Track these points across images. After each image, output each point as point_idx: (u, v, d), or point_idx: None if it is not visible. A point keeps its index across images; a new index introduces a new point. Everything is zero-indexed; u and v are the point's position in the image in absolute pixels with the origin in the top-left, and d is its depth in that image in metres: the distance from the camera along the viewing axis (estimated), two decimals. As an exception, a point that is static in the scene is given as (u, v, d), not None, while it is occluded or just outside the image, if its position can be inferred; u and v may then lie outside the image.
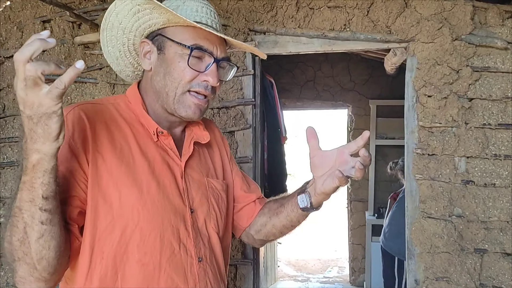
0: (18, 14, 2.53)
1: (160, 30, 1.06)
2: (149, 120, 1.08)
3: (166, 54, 1.05)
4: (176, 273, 1.01)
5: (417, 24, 2.13)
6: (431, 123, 2.12)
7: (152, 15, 1.04)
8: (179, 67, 1.03)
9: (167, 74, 1.05)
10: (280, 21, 2.28)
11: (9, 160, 2.55)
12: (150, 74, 1.09)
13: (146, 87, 1.11)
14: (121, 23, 1.07)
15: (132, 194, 0.98)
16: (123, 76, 1.21)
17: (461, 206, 2.08)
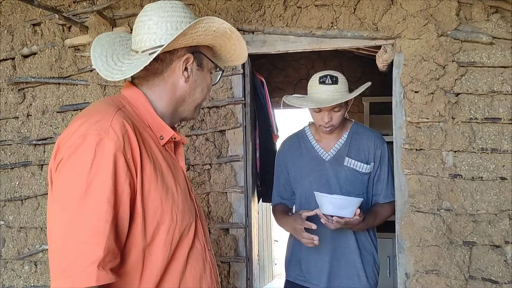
0: (8, 17, 2.55)
1: (199, 47, 1.19)
2: (165, 126, 1.15)
3: (204, 71, 1.21)
4: (197, 263, 1.13)
5: (403, 21, 2.16)
6: (418, 118, 2.14)
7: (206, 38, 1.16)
8: (209, 82, 1.24)
9: (199, 87, 1.20)
10: (268, 20, 2.30)
11: (2, 163, 2.57)
12: (173, 81, 1.16)
13: (161, 91, 1.16)
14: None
15: (168, 199, 1.05)
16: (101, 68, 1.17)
17: (449, 200, 2.11)
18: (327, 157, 2.13)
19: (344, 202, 1.89)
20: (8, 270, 2.59)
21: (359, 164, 2.10)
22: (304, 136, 2.23)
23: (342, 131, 2.16)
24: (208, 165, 2.37)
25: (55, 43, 2.46)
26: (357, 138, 2.15)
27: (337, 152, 2.13)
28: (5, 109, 2.56)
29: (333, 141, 2.15)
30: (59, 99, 2.49)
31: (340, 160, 2.10)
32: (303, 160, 2.16)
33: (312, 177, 2.12)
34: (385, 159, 2.16)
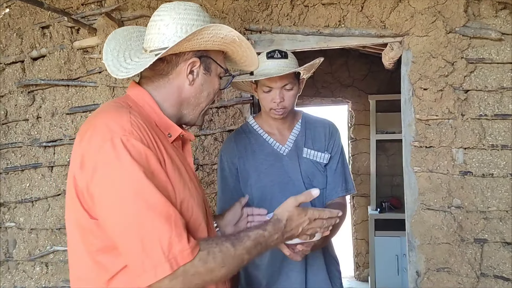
0: (17, 20, 2.57)
1: (208, 52, 1.17)
2: (173, 125, 1.16)
3: (211, 75, 1.20)
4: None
5: (411, 18, 2.15)
6: (427, 115, 2.14)
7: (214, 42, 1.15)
8: (217, 87, 1.22)
9: (205, 91, 1.20)
10: (276, 20, 2.30)
11: (12, 165, 2.59)
12: (178, 84, 1.16)
13: (167, 93, 1.17)
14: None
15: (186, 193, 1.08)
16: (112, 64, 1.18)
17: (460, 197, 2.10)
18: (284, 150, 1.80)
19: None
20: (19, 271, 2.61)
21: (318, 154, 1.81)
22: (251, 131, 1.86)
23: (294, 121, 1.87)
24: (217, 164, 2.37)
25: (64, 46, 2.47)
26: (310, 126, 1.86)
27: (293, 144, 1.81)
28: (15, 112, 2.58)
29: (287, 132, 1.84)
30: (68, 101, 2.50)
31: (299, 152, 1.80)
32: (257, 158, 1.79)
33: (272, 175, 1.76)
34: (340, 147, 1.89)
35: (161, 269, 0.93)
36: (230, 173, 1.81)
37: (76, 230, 1.05)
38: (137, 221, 0.94)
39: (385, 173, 4.78)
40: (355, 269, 5.06)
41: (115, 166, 0.96)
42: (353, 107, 4.96)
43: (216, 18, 2.35)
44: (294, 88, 1.73)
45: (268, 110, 1.75)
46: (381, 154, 4.78)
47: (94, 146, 0.98)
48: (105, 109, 1.10)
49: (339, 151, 1.85)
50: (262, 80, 1.69)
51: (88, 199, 1.00)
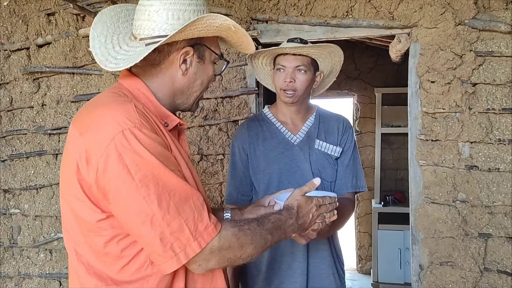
0: (23, 7, 2.56)
1: (201, 39, 1.12)
2: (169, 114, 1.14)
3: (205, 63, 1.16)
4: None
5: (420, 10, 2.12)
6: (434, 108, 2.12)
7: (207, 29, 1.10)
8: (211, 74, 1.19)
9: (199, 80, 1.16)
10: (282, 9, 2.28)
11: (17, 152, 2.60)
12: (171, 74, 1.12)
13: (160, 82, 1.12)
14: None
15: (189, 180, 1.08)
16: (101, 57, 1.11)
17: (465, 191, 2.09)
18: (296, 140, 1.81)
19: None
20: (23, 257, 2.63)
21: (330, 147, 1.82)
22: (265, 119, 1.88)
23: (308, 113, 1.87)
24: (221, 155, 2.37)
25: (69, 33, 2.46)
26: (324, 120, 1.87)
27: (306, 135, 1.82)
28: (20, 99, 2.58)
29: (300, 122, 1.85)
30: (73, 88, 2.50)
31: (311, 143, 1.81)
32: (268, 145, 1.81)
33: (281, 163, 1.78)
34: (353, 143, 1.90)
35: (190, 249, 0.97)
36: (240, 159, 1.84)
37: (76, 224, 1.04)
38: (161, 209, 0.95)
39: (389, 167, 4.76)
40: (358, 261, 5.06)
41: (129, 158, 0.94)
42: (358, 100, 4.93)
43: (222, 7, 2.33)
44: (308, 73, 1.74)
45: (279, 92, 1.77)
46: (386, 147, 4.76)
47: (102, 140, 0.95)
48: (105, 101, 1.06)
49: (351, 147, 1.86)
50: (277, 59, 1.75)
51: (97, 194, 0.97)
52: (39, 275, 2.58)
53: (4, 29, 2.59)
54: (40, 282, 2.59)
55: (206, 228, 0.99)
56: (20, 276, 2.62)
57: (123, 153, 0.94)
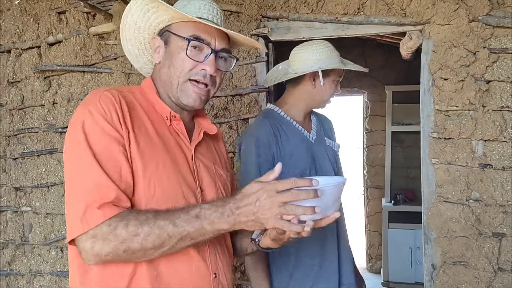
0: (34, 6, 2.57)
1: (167, 27, 1.17)
2: (163, 105, 1.17)
3: (170, 47, 1.16)
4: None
5: (433, 6, 2.10)
6: (447, 106, 2.09)
7: (159, 13, 1.15)
8: (180, 58, 1.13)
9: (171, 65, 1.15)
10: (293, 7, 2.26)
11: (29, 150, 2.61)
12: (159, 67, 1.20)
13: (156, 78, 1.21)
14: (136, 23, 1.19)
15: (149, 169, 1.05)
16: (144, 72, 1.34)
17: (478, 190, 2.06)
18: (312, 138, 1.84)
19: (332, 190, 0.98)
20: (35, 255, 2.64)
21: (335, 144, 1.93)
22: (280, 118, 1.81)
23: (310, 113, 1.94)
24: (231, 153, 2.36)
25: (80, 31, 2.47)
26: (319, 118, 1.96)
27: (317, 133, 1.87)
28: (31, 97, 2.60)
29: (309, 121, 1.90)
30: (84, 87, 2.51)
31: (323, 141, 1.88)
32: (291, 144, 1.75)
33: (306, 162, 1.75)
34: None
35: (76, 228, 0.96)
36: (266, 161, 1.70)
37: None
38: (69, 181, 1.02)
39: (400, 165, 4.72)
40: (368, 261, 5.03)
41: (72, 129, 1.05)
42: (368, 97, 4.89)
43: (232, 5, 2.31)
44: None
45: (326, 100, 1.85)
46: (396, 145, 4.72)
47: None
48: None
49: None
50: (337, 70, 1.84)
51: None
52: (50, 272, 2.60)
53: (15, 27, 2.60)
54: (51, 280, 2.60)
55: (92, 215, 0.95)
56: (32, 273, 2.64)
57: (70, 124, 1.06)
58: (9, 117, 2.63)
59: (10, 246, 2.68)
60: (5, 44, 2.62)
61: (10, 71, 2.62)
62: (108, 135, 1.01)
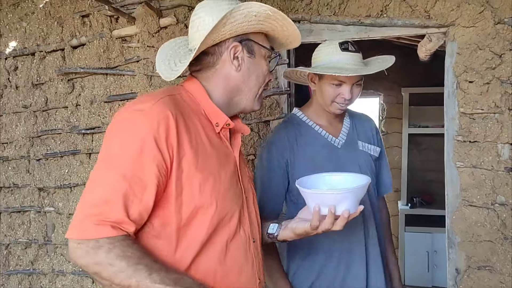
0: (58, 9, 2.61)
1: (246, 35, 1.18)
2: (220, 112, 1.17)
3: (256, 57, 1.20)
4: (239, 252, 1.12)
5: (458, 8, 2.08)
6: (472, 109, 2.07)
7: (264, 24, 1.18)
8: (265, 69, 1.22)
9: (253, 75, 1.19)
10: (315, 9, 2.26)
11: (52, 151, 2.65)
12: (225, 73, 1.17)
13: (215, 82, 1.18)
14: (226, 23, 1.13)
15: (208, 185, 1.05)
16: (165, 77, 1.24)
17: (504, 194, 2.03)
18: (338, 143, 1.72)
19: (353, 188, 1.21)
20: (57, 254, 2.68)
21: (372, 147, 1.77)
22: (300, 123, 1.75)
23: (342, 114, 1.80)
24: (252, 155, 2.37)
25: (103, 34, 2.50)
26: (356, 120, 1.83)
27: (348, 136, 1.74)
28: (55, 99, 2.63)
29: (338, 124, 1.78)
30: (107, 89, 2.54)
31: (354, 145, 1.74)
32: (310, 150, 1.67)
33: (327, 169, 1.59)
34: (382, 142, 1.89)
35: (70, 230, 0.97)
36: (278, 167, 1.66)
37: None
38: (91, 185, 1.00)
39: (417, 168, 4.68)
40: (383, 264, 5.00)
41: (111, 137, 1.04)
42: (384, 99, 4.86)
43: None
44: (362, 84, 1.70)
45: (329, 104, 1.67)
46: (413, 148, 4.68)
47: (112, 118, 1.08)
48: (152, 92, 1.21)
49: (383, 145, 1.86)
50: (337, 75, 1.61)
51: None
52: (72, 272, 2.63)
53: (40, 30, 2.64)
54: (73, 279, 2.63)
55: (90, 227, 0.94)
56: (54, 273, 2.67)
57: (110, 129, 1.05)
58: (33, 118, 2.67)
59: (33, 245, 2.72)
60: (29, 47, 2.66)
61: (34, 74, 2.66)
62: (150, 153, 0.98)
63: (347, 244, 1.66)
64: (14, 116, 2.73)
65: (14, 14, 2.71)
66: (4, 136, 2.74)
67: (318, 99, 1.73)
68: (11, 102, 2.73)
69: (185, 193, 1.02)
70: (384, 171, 1.84)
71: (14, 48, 2.70)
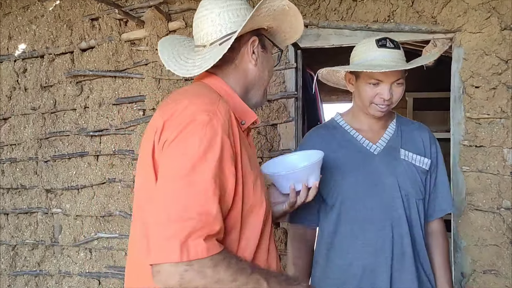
0: (68, 12, 2.64)
1: (259, 30, 1.20)
2: (251, 112, 1.18)
3: (267, 52, 1.22)
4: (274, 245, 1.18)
5: (464, 14, 2.10)
6: (478, 114, 2.09)
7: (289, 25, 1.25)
8: (272, 64, 1.26)
9: (266, 69, 1.21)
10: (323, 14, 2.28)
11: (60, 153, 2.67)
12: (244, 67, 1.18)
13: (236, 78, 1.18)
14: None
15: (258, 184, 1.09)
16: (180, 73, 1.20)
17: (510, 199, 2.05)
18: (375, 149, 1.59)
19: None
20: (64, 256, 2.69)
21: (418, 157, 1.58)
22: (337, 127, 1.67)
23: (388, 120, 1.67)
24: (259, 158, 2.39)
25: (112, 37, 2.53)
26: (406, 128, 1.66)
27: (387, 143, 1.61)
28: (63, 101, 2.66)
29: (380, 130, 1.64)
30: (115, 91, 2.56)
31: (394, 153, 1.58)
32: (342, 155, 1.58)
33: (358, 175, 1.55)
34: (441, 157, 1.67)
35: (169, 253, 0.85)
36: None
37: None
38: (175, 203, 0.89)
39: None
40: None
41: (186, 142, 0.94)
42: (388, 104, 4.87)
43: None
44: (403, 85, 1.56)
45: (368, 105, 1.55)
46: (416, 152, 4.69)
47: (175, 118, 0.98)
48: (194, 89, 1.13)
49: (442, 160, 1.66)
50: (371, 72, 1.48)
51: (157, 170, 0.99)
52: (79, 273, 2.64)
53: (49, 33, 2.67)
54: (80, 281, 2.65)
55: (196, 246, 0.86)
56: (61, 274, 2.69)
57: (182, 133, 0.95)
58: (41, 120, 2.70)
59: (40, 246, 2.74)
60: (39, 50, 2.69)
61: (43, 76, 2.68)
62: (228, 154, 0.96)
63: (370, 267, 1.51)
64: (22, 118, 2.75)
65: (24, 17, 2.74)
66: (13, 138, 2.77)
67: (357, 101, 1.62)
68: (20, 104, 2.75)
69: (245, 192, 1.03)
70: (439, 188, 1.63)
71: (23, 50, 2.73)
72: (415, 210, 1.55)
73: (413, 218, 1.55)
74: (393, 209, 1.52)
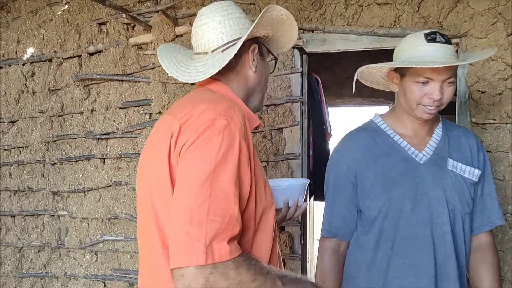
0: (76, 17, 2.67)
1: (257, 38, 1.24)
2: (253, 115, 1.20)
3: (264, 60, 1.27)
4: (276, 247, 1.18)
5: (470, 20, 2.10)
6: (484, 119, 2.09)
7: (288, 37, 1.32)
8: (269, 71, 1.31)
9: (263, 76, 1.26)
10: (329, 19, 2.30)
11: (67, 156, 2.69)
12: (244, 74, 1.22)
13: (237, 84, 1.21)
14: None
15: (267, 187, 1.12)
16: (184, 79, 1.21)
17: (516, 204, 2.04)
18: (421, 158, 1.44)
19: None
20: (70, 258, 2.71)
21: (467, 168, 1.43)
22: (378, 130, 1.52)
23: (434, 124, 1.51)
24: (265, 162, 2.40)
25: (119, 42, 2.55)
26: (452, 134, 1.51)
27: (434, 151, 1.46)
28: (71, 105, 2.68)
29: (426, 136, 1.49)
30: (122, 95, 2.58)
31: (442, 163, 1.44)
32: (385, 163, 1.45)
33: (403, 187, 1.41)
34: (489, 165, 1.52)
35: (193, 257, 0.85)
36: (347, 180, 1.49)
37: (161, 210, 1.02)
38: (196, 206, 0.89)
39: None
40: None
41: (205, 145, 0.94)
42: (394, 108, 4.86)
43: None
44: (455, 84, 1.40)
45: (415, 106, 1.41)
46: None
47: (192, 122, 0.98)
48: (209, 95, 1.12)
49: (489, 169, 1.52)
50: (420, 68, 1.33)
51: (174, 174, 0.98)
52: (84, 276, 2.66)
53: (57, 37, 2.70)
54: (85, 283, 2.66)
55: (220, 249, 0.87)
56: (66, 276, 2.71)
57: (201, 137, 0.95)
58: (49, 123, 2.72)
59: (46, 249, 2.75)
60: (47, 53, 2.72)
61: (51, 79, 2.71)
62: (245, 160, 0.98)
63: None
64: (30, 121, 2.78)
65: (33, 21, 2.77)
66: (20, 141, 2.79)
67: (402, 102, 1.47)
68: (28, 107, 2.78)
69: (258, 194, 1.05)
70: (487, 199, 1.49)
71: (31, 54, 2.76)
72: (460, 226, 1.43)
73: (458, 235, 1.43)
74: (437, 226, 1.40)
